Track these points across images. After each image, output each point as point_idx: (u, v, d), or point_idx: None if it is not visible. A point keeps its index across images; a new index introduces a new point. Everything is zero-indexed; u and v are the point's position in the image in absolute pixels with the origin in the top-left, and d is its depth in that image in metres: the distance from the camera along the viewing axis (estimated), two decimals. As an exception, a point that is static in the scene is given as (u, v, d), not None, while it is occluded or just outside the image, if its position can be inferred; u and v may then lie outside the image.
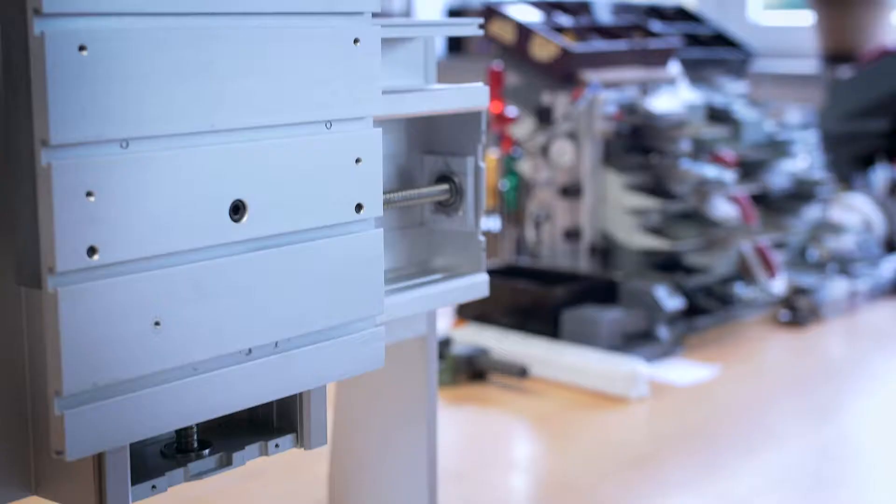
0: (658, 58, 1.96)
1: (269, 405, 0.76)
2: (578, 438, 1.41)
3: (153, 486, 0.67)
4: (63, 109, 0.57)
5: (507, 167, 1.89)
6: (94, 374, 0.60)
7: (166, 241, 0.62)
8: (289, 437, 0.75)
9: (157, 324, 0.62)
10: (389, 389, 0.98)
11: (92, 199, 0.58)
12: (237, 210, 0.66)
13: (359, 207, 0.73)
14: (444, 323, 1.76)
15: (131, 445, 0.65)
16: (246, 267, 0.67)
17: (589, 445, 1.38)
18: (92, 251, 0.59)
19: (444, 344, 1.58)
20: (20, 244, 0.60)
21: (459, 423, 1.47)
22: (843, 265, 2.04)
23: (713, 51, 2.20)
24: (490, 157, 1.91)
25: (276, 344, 0.70)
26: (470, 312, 1.77)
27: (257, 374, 0.68)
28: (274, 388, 0.70)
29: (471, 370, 1.58)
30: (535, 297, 1.71)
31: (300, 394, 0.74)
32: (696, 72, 2.11)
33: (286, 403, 0.75)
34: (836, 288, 1.95)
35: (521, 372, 1.54)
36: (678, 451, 1.36)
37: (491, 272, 0.93)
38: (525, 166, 1.88)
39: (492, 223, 1.96)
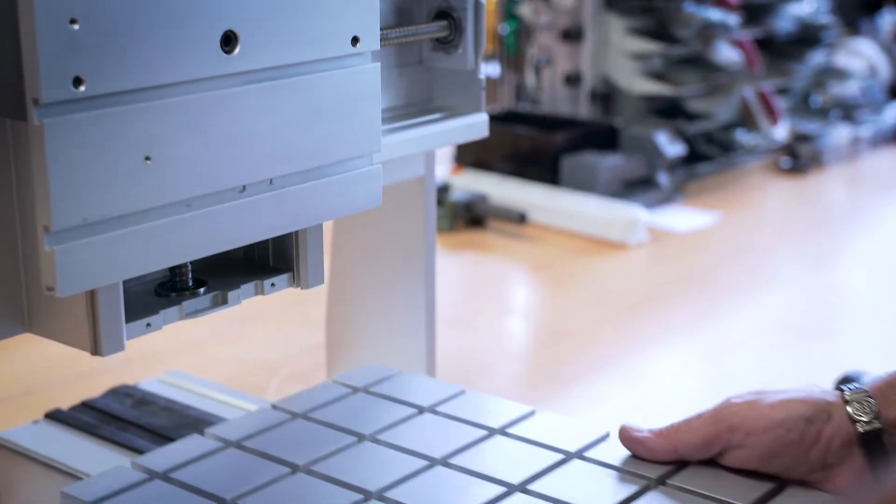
0: None
1: (265, 245, 0.75)
2: (577, 284, 1.41)
3: (148, 324, 0.66)
4: (42, -69, 0.54)
5: (507, 10, 1.85)
6: (84, 209, 0.58)
7: (155, 72, 0.60)
8: (285, 277, 0.74)
9: (147, 158, 0.60)
10: (387, 233, 0.96)
11: (76, 26, 0.56)
12: (228, 41, 0.64)
13: (355, 40, 0.71)
14: (443, 169, 1.75)
15: (125, 284, 0.64)
16: (239, 101, 0.65)
17: (588, 291, 1.38)
18: (78, 82, 0.57)
19: (443, 190, 1.57)
20: (3, 76, 0.57)
21: (458, 269, 1.47)
22: (847, 111, 2.01)
23: None
24: None
25: (271, 181, 0.68)
26: (468, 159, 1.76)
27: (252, 212, 0.67)
28: (269, 225, 0.68)
29: (469, 216, 1.57)
30: (535, 143, 1.69)
31: (296, 233, 0.73)
32: (701, -89, 2.04)
33: (282, 243, 0.74)
34: (838, 134, 1.93)
35: (520, 218, 1.53)
36: (676, 296, 1.36)
37: (490, 118, 0.91)
38: (525, 9, 1.83)
39: (491, 69, 1.93)
